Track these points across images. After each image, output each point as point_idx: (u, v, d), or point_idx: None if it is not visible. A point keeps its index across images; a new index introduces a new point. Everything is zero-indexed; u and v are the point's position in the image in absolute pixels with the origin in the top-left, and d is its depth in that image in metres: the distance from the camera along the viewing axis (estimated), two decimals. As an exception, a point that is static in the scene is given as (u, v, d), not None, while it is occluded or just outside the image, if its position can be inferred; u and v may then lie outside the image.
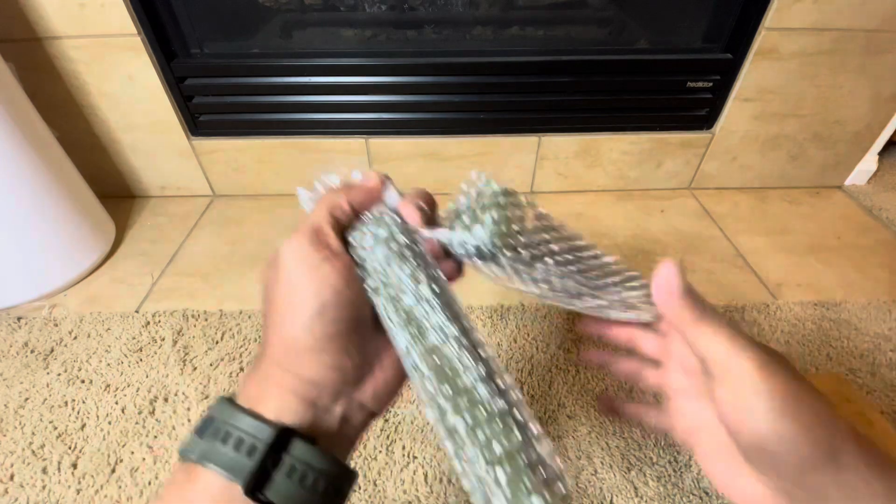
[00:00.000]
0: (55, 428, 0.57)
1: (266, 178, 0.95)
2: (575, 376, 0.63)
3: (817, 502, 0.20)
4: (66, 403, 0.60)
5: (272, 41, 0.84)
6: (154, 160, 0.91)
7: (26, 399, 0.60)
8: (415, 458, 0.55)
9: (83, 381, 0.62)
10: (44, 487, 0.52)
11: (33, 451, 0.55)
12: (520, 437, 0.20)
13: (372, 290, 0.23)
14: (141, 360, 0.65)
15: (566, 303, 0.27)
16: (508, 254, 0.23)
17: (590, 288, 0.27)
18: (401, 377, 0.24)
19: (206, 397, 0.61)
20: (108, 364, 0.65)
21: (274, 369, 0.21)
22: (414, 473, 0.53)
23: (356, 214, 0.25)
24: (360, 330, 0.23)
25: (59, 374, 0.63)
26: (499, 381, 0.22)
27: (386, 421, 0.58)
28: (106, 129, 0.86)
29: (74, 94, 0.81)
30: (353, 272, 0.23)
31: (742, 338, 0.23)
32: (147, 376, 0.63)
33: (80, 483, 0.52)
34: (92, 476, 0.53)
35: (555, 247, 0.26)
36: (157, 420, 0.58)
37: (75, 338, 0.68)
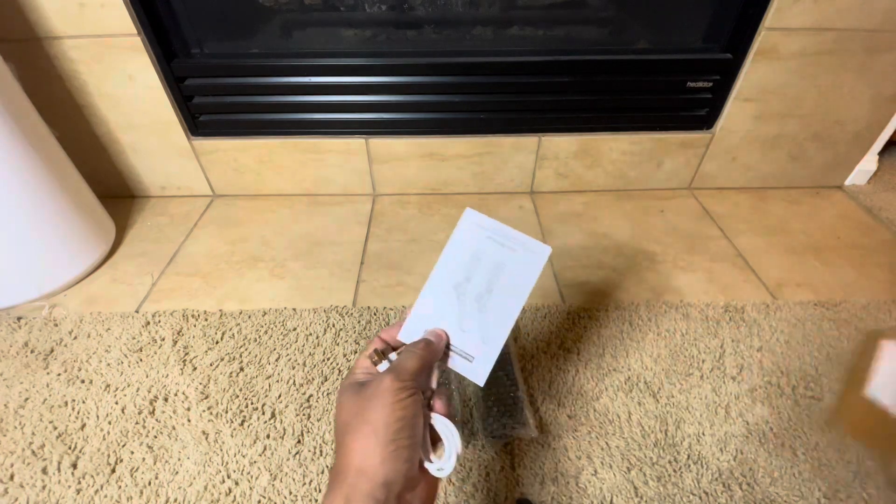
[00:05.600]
0: (55, 428, 0.57)
1: (266, 178, 0.95)
2: (575, 376, 0.63)
3: None
4: (66, 403, 0.60)
5: (272, 41, 0.84)
6: (154, 160, 0.91)
7: (26, 399, 0.60)
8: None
9: (83, 381, 0.62)
10: (44, 487, 0.52)
11: (33, 451, 0.55)
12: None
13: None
14: (141, 360, 0.65)
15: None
16: None
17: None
18: (434, 492, 0.32)
19: (206, 397, 0.61)
20: (108, 364, 0.65)
21: (358, 477, 0.27)
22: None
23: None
24: (417, 447, 0.30)
25: (59, 374, 0.63)
26: None
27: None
28: (106, 129, 0.86)
29: (74, 94, 0.81)
30: (421, 404, 0.31)
31: None
32: (147, 376, 0.63)
33: (80, 483, 0.52)
34: (92, 476, 0.53)
35: None
36: (157, 420, 0.58)
37: (75, 338, 0.68)
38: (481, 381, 0.34)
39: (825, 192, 1.00)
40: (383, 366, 0.32)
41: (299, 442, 0.56)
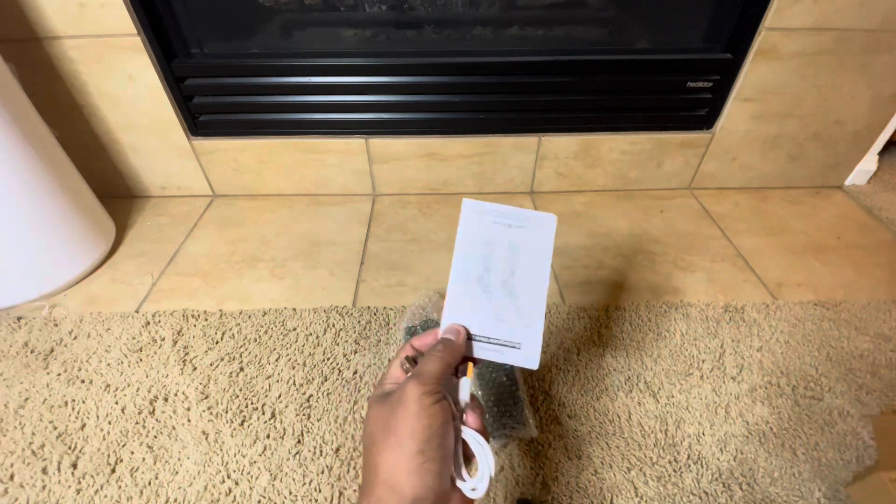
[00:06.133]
0: (55, 428, 0.57)
1: (266, 178, 0.95)
2: (575, 376, 0.63)
3: None
4: (66, 403, 0.60)
5: (272, 41, 0.84)
6: (154, 160, 0.91)
7: (26, 399, 0.60)
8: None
9: (83, 381, 0.62)
10: (44, 487, 0.52)
11: (33, 451, 0.55)
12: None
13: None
14: (141, 360, 0.65)
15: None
16: None
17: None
18: None
19: (206, 397, 0.61)
20: (108, 364, 0.64)
21: (385, 492, 0.25)
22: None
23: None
24: (448, 461, 0.28)
25: (59, 374, 0.63)
26: None
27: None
28: (106, 129, 0.86)
29: (74, 94, 0.81)
30: (450, 412, 0.29)
31: None
32: (147, 376, 0.63)
33: (80, 483, 0.52)
34: (92, 476, 0.53)
35: None
36: (157, 420, 0.58)
37: (75, 338, 0.68)
38: (535, 365, 0.33)
39: (825, 192, 1.00)
40: None
41: (299, 442, 0.56)
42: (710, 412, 0.60)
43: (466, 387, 0.32)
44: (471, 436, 0.30)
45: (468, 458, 0.30)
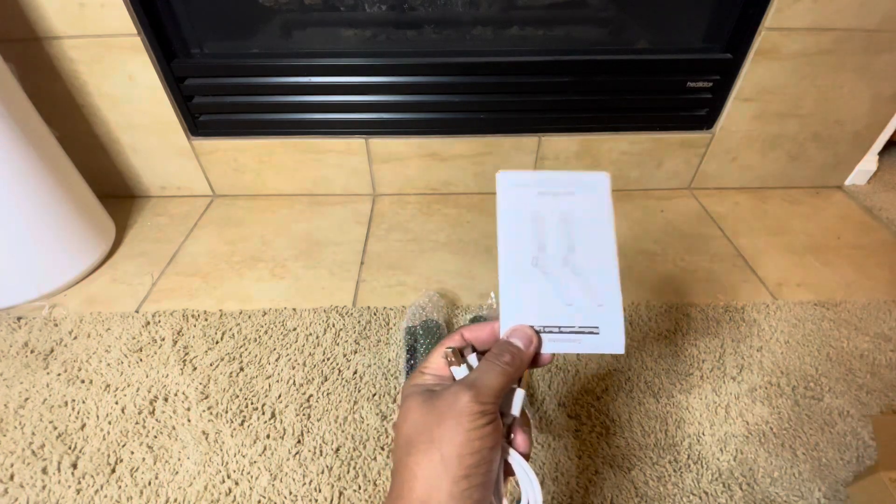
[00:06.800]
0: (55, 428, 0.57)
1: (266, 178, 0.95)
2: (575, 376, 0.63)
3: None
4: (66, 403, 0.60)
5: (272, 41, 0.84)
6: (154, 160, 0.91)
7: (26, 399, 0.60)
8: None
9: (83, 381, 0.62)
10: (44, 487, 0.52)
11: (33, 451, 0.55)
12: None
13: None
14: (141, 360, 0.65)
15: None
16: None
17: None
18: None
19: (206, 397, 0.61)
20: (108, 364, 0.64)
21: None
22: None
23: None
24: (490, 486, 0.25)
25: (59, 374, 0.63)
26: None
27: (385, 419, 0.58)
28: (106, 129, 0.86)
29: (74, 94, 0.81)
30: (501, 433, 0.25)
31: None
32: (147, 376, 0.63)
33: (80, 483, 0.52)
34: (92, 476, 0.53)
35: None
36: (157, 420, 0.58)
37: (75, 338, 0.68)
38: (621, 349, 0.28)
39: (825, 192, 1.00)
40: (459, 372, 0.27)
41: (299, 442, 0.56)
42: (710, 412, 0.60)
43: (520, 399, 0.28)
44: (518, 463, 0.27)
45: (507, 478, 0.28)
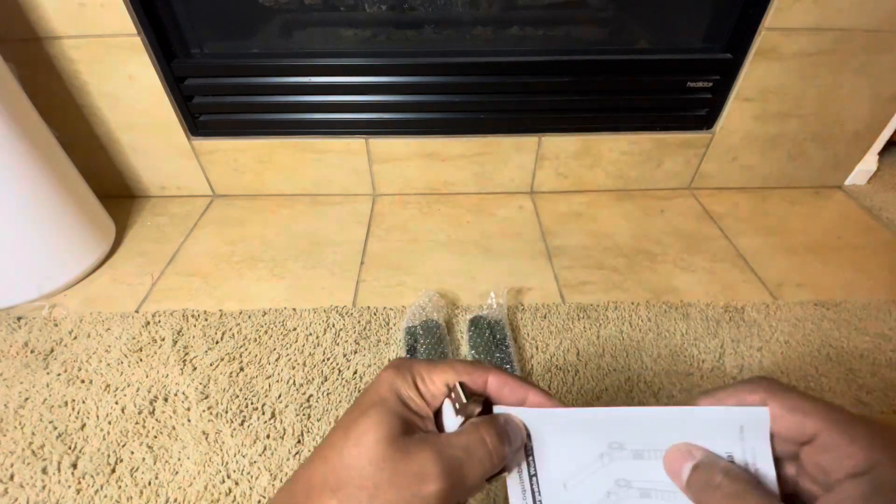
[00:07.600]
0: (55, 428, 0.57)
1: (266, 178, 0.95)
2: (575, 376, 0.63)
3: None
4: (66, 403, 0.60)
5: (272, 41, 0.84)
6: (154, 160, 0.91)
7: (26, 399, 0.60)
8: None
9: (83, 381, 0.62)
10: (44, 487, 0.52)
11: (33, 451, 0.55)
12: None
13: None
14: (141, 360, 0.65)
15: None
16: None
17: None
18: None
19: (206, 397, 0.61)
20: (108, 364, 0.65)
21: None
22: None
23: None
24: None
25: (59, 374, 0.63)
26: None
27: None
28: (106, 129, 0.86)
29: (74, 94, 0.81)
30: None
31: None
32: (147, 376, 0.63)
33: (80, 483, 0.52)
34: (92, 476, 0.53)
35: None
36: (157, 420, 0.58)
37: (75, 338, 0.68)
38: None
39: (825, 192, 1.00)
40: (451, 420, 0.23)
41: (299, 442, 0.56)
42: (710, 412, 0.60)
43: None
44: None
45: None
